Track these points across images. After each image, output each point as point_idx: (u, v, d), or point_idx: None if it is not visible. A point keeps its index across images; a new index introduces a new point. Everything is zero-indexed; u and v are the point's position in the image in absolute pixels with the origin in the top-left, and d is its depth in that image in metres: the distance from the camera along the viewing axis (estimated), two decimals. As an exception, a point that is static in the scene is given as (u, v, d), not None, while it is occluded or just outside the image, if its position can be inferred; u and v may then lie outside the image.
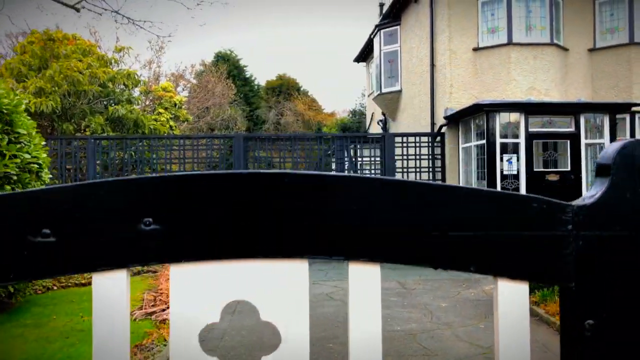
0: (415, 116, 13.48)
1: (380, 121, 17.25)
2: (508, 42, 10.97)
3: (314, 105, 47.14)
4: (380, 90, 15.31)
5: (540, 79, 11.01)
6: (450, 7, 11.30)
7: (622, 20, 11.38)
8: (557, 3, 11.35)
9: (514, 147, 10.11)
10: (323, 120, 45.88)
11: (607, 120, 10.14)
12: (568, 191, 10.02)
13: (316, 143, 11.67)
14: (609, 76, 11.45)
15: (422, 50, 12.86)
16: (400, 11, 14.63)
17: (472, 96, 11.29)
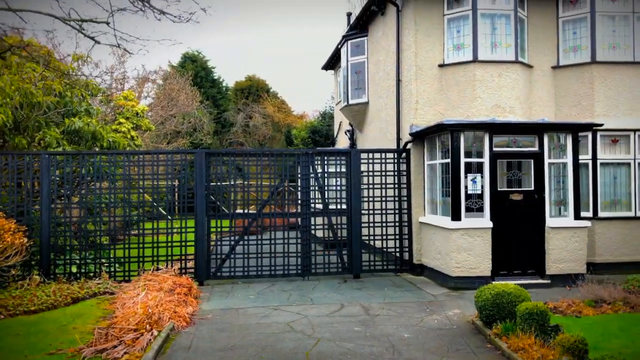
0: (382, 129, 13.39)
1: (347, 131, 17.13)
2: (473, 60, 10.95)
3: (284, 107, 46.83)
4: (347, 102, 15.17)
5: (504, 96, 11.03)
6: (416, 23, 11.22)
7: (585, 39, 11.49)
8: (521, 20, 11.39)
9: (479, 167, 10.09)
10: (293, 123, 45.62)
11: (570, 139, 10.21)
12: (531, 210, 10.07)
13: (281, 159, 11.44)
14: (572, 94, 11.55)
15: (388, 64, 12.76)
16: (368, 23, 14.52)
17: (437, 112, 11.25)
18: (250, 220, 11.10)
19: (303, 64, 66.07)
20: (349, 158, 11.35)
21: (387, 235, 11.39)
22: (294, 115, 48.16)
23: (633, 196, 11.36)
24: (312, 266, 11.18)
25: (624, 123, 11.32)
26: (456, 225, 9.75)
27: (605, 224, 11.24)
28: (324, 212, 11.41)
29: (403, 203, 11.51)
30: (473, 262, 9.77)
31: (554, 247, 9.96)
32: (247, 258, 10.96)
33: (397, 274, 11.46)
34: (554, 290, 9.65)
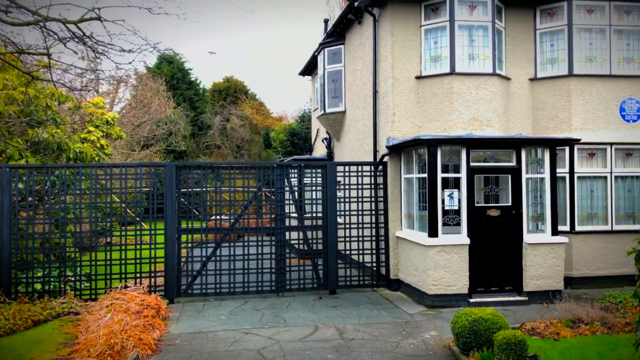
0: (360, 140, 13.16)
1: (325, 139, 16.88)
2: (451, 72, 10.78)
3: (262, 109, 46.41)
4: (324, 111, 14.91)
5: (482, 109, 10.88)
6: (393, 34, 11.01)
7: (562, 52, 11.41)
8: (499, 32, 11.26)
9: (456, 182, 9.92)
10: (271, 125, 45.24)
11: (547, 154, 10.10)
12: (509, 226, 9.93)
13: (255, 172, 11.12)
14: (549, 107, 11.47)
15: (365, 74, 12.54)
16: (345, 30, 14.28)
17: (414, 125, 11.06)
18: (223, 235, 10.77)
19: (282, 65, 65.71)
20: (325, 171, 11.09)
21: (363, 250, 11.16)
22: (272, 117, 47.78)
23: (609, 210, 11.32)
24: (287, 282, 10.90)
25: (600, 136, 11.27)
26: (433, 242, 9.56)
27: (582, 237, 11.17)
28: (299, 226, 11.13)
29: (380, 217, 11.30)
30: (450, 279, 9.59)
31: (532, 263, 9.84)
32: (219, 275, 10.63)
33: (374, 289, 11.25)
34: (532, 308, 9.52)
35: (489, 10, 10.88)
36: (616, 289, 10.97)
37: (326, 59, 14.84)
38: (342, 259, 11.30)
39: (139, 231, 10.40)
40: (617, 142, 11.33)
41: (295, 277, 11.04)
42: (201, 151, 36.24)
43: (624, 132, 11.38)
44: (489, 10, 10.88)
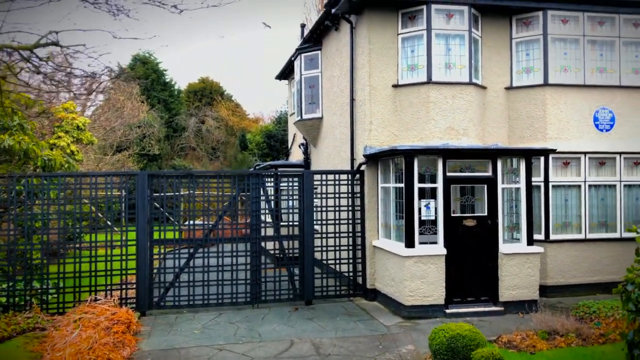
0: (337, 147, 13.05)
1: (302, 145, 16.73)
2: (427, 81, 10.73)
3: (238, 111, 46.05)
4: (301, 117, 14.77)
5: (458, 118, 10.87)
6: (370, 42, 10.92)
7: (538, 61, 11.47)
8: (475, 41, 11.27)
9: (432, 192, 9.88)
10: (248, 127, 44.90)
11: (523, 164, 10.13)
12: (485, 236, 9.93)
13: (230, 180, 10.92)
14: (524, 116, 11.52)
15: (342, 81, 12.44)
16: (321, 36, 14.16)
17: (391, 134, 10.99)
18: (197, 246, 10.54)
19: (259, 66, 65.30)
20: (301, 180, 10.95)
21: (340, 259, 11.05)
22: (249, 119, 47.44)
23: (583, 218, 11.42)
24: (262, 293, 10.72)
25: (575, 146, 11.36)
26: (410, 252, 9.50)
27: (556, 246, 11.25)
28: (275, 236, 10.97)
29: (357, 226, 11.20)
30: (426, 290, 9.54)
31: (507, 273, 9.85)
32: (192, 286, 10.40)
33: (350, 299, 11.14)
34: (507, 318, 9.53)
35: (465, 19, 10.88)
36: (589, 296, 11.10)
37: (303, 65, 14.69)
38: (319, 268, 11.17)
39: (110, 242, 10.11)
40: (591, 151, 11.44)
41: (270, 288, 10.87)
42: (176, 153, 35.74)
43: (598, 142, 11.50)
44: (465, 19, 10.88)
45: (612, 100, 11.58)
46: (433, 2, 10.66)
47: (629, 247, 11.47)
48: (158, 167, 32.27)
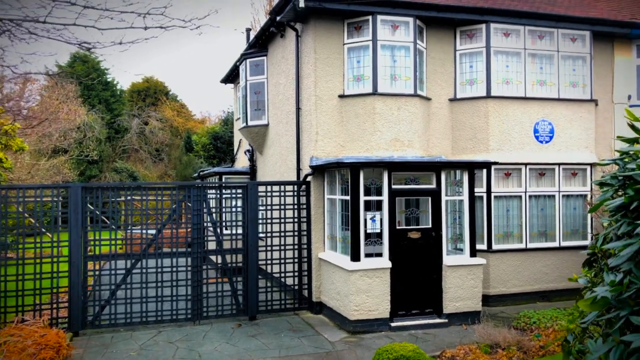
0: (283, 155, 12.82)
1: (247, 151, 16.39)
2: (373, 92, 10.67)
3: (184, 111, 45.08)
4: (246, 123, 14.45)
5: (403, 130, 10.86)
6: (316, 51, 10.75)
7: (481, 73, 11.63)
8: (420, 52, 11.30)
9: (378, 204, 9.82)
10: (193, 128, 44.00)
11: (466, 176, 10.22)
12: (429, 248, 9.96)
13: (169, 192, 10.49)
14: (468, 127, 11.65)
15: (288, 89, 12.22)
16: (267, 42, 13.89)
17: (338, 144, 10.87)
18: (134, 261, 10.06)
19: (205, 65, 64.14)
20: (245, 191, 10.65)
21: (285, 273, 10.83)
22: (195, 119, 46.54)
23: (524, 228, 11.66)
24: (204, 309, 10.36)
25: (515, 157, 11.59)
26: (355, 266, 9.39)
27: (498, 256, 11.44)
28: (218, 250, 10.63)
29: (303, 238, 11.01)
30: (372, 303, 9.46)
31: (451, 285, 9.91)
32: (130, 303, 9.92)
33: (296, 313, 10.94)
34: (451, 330, 9.58)
35: (410, 30, 10.88)
36: (530, 305, 11.36)
37: (248, 70, 14.37)
38: (265, 281, 10.91)
39: (39, 259, 9.49)
40: (532, 162, 11.70)
41: (213, 304, 10.52)
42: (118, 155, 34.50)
43: (538, 153, 11.78)
44: (410, 30, 10.88)
45: (552, 112, 11.90)
46: (379, 13, 10.61)
47: (567, 255, 11.82)
48: (99, 170, 31.07)
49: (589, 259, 3.16)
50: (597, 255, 2.93)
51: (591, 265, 3.11)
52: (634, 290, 2.17)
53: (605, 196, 2.73)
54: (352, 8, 10.45)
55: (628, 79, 12.78)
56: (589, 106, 12.19)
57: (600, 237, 2.83)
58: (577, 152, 12.03)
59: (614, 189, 2.70)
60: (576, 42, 12.12)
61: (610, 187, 2.75)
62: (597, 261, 2.98)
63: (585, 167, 12.11)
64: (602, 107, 12.55)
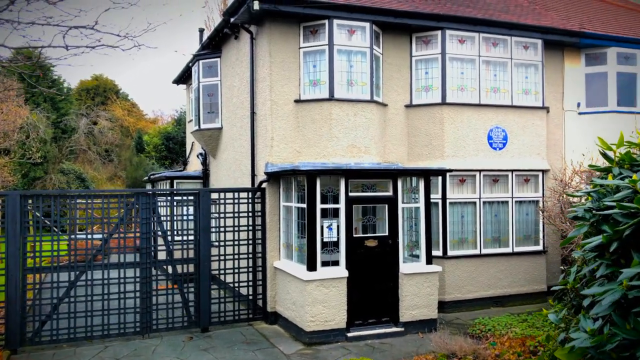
0: (237, 160, 12.48)
1: (200, 154, 15.93)
2: (330, 97, 10.49)
3: (135, 111, 43.82)
4: (199, 126, 14.01)
5: (360, 136, 10.73)
6: (271, 55, 10.48)
7: (437, 80, 11.63)
8: (377, 58, 11.20)
9: (334, 212, 9.64)
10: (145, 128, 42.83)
11: (422, 183, 10.18)
12: (386, 256, 9.86)
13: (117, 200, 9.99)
14: (423, 133, 11.63)
15: (242, 92, 11.89)
16: (221, 43, 13.51)
17: (294, 150, 10.63)
18: (78, 273, 9.52)
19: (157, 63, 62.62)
20: (197, 199, 10.27)
21: (239, 282, 10.51)
22: (146, 119, 45.33)
23: (478, 234, 11.74)
24: (154, 322, 9.91)
25: (470, 163, 11.65)
26: (312, 276, 9.18)
27: (453, 262, 11.47)
28: (168, 260, 10.21)
29: (258, 246, 10.72)
30: (328, 314, 9.27)
31: (407, 293, 9.84)
32: (74, 318, 9.38)
33: (250, 324, 10.63)
34: (408, 339, 9.51)
35: (367, 36, 10.76)
36: (484, 310, 11.45)
37: (201, 72, 13.94)
38: (218, 291, 10.55)
39: (-28, 273, 8.84)
40: (485, 169, 11.79)
41: (163, 316, 10.09)
42: (64, 156, 33.09)
43: (491, 159, 11.88)
44: (367, 36, 10.76)
45: (505, 119, 12.03)
46: (335, 18, 10.44)
47: (520, 261, 11.99)
48: (44, 172, 29.68)
49: (559, 294, 3.05)
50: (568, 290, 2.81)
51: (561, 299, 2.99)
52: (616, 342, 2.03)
53: (580, 232, 2.60)
54: (308, 11, 10.23)
55: (577, 86, 13.09)
56: (541, 113, 12.41)
57: (571, 272, 2.72)
58: (530, 159, 12.22)
59: (588, 224, 2.56)
60: (529, 50, 12.31)
61: (583, 221, 2.62)
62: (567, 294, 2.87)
63: (537, 173, 12.31)
64: (553, 114, 12.80)
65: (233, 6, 10.63)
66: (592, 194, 2.60)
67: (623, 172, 2.56)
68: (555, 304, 3.02)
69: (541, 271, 12.19)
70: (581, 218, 2.64)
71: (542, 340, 8.64)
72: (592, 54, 13.09)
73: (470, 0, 12.85)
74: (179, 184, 15.73)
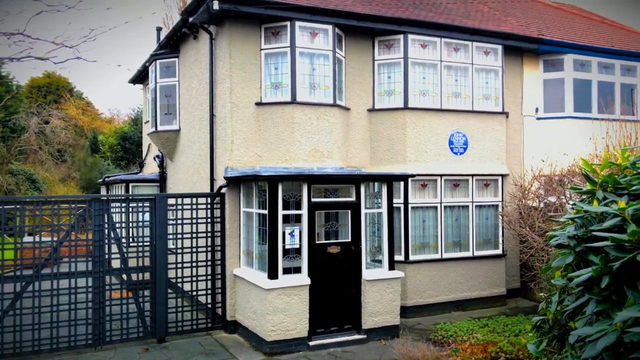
0: (196, 163, 12.12)
1: (157, 157, 15.44)
2: (292, 101, 10.28)
3: (90, 110, 42.47)
4: (156, 128, 13.56)
5: (323, 140, 10.57)
6: (231, 56, 10.19)
7: (399, 84, 11.58)
8: (340, 61, 11.06)
9: (297, 218, 9.44)
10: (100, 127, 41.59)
11: (385, 188, 10.09)
12: (349, 263, 9.72)
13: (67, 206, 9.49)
14: (386, 138, 11.56)
15: (201, 94, 11.55)
16: (179, 43, 13.11)
17: (255, 154, 10.37)
18: (25, 284, 9.00)
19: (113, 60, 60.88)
20: (153, 205, 9.88)
21: (197, 290, 10.17)
22: (102, 118, 44.04)
23: (440, 238, 11.76)
24: (107, 333, 9.47)
25: (431, 168, 11.65)
26: (273, 284, 8.95)
27: (415, 266, 11.45)
28: (123, 269, 9.78)
29: (217, 254, 10.41)
30: (290, 323, 9.05)
31: (370, 299, 9.73)
32: (20, 331, 8.85)
33: (209, 333, 10.31)
34: (370, 347, 9.39)
35: (329, 38, 10.60)
36: (445, 314, 11.47)
37: (158, 72, 13.49)
38: (175, 300, 10.17)
39: None
40: (446, 173, 11.82)
41: (117, 327, 9.66)
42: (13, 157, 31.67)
43: (452, 164, 11.92)
44: (329, 38, 10.60)
45: (466, 124, 12.09)
46: (297, 19, 10.24)
47: (480, 265, 12.07)
48: (-9, 173, 28.31)
49: (538, 323, 2.94)
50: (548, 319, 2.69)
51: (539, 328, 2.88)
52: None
53: (565, 261, 2.46)
54: (269, 13, 10.00)
55: (536, 92, 13.31)
56: (501, 118, 12.53)
57: (553, 302, 2.59)
58: (490, 163, 12.32)
59: (572, 253, 2.43)
60: (489, 55, 12.41)
61: (568, 249, 2.49)
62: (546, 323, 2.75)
63: (497, 178, 12.43)
64: (512, 119, 12.96)
65: (192, 5, 10.29)
66: (577, 219, 2.48)
67: (608, 196, 2.45)
68: (534, 333, 2.92)
69: (501, 275, 12.31)
70: (565, 246, 2.51)
71: (503, 346, 8.69)
72: (549, 60, 13.34)
73: (432, 5, 12.89)
74: (135, 187, 15.20)
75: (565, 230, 2.55)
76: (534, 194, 11.10)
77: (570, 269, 2.48)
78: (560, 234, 2.61)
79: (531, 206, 11.02)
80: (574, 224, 2.53)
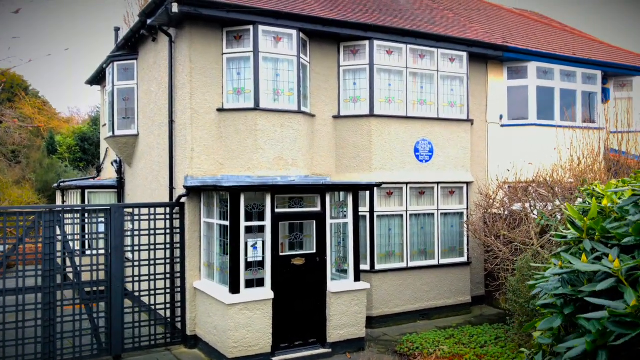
0: (155, 170, 11.66)
1: (115, 162, 14.86)
2: (255, 107, 9.96)
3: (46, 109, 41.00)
4: (113, 133, 13.02)
5: (287, 148, 10.29)
6: (192, 60, 9.80)
7: (365, 91, 11.40)
8: (304, 67, 10.80)
9: (260, 229, 9.13)
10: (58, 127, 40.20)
11: (350, 198, 9.89)
12: (313, 275, 9.47)
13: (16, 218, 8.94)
14: (351, 145, 11.37)
15: (161, 98, 11.11)
16: (138, 45, 12.61)
17: (216, 162, 10.01)
18: (-32, 302, 8.42)
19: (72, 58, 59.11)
20: (109, 215, 9.40)
21: (156, 305, 9.74)
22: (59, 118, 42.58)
23: (405, 247, 11.63)
24: (59, 352, 8.96)
25: (397, 176, 11.52)
26: (235, 299, 8.61)
27: (381, 276, 11.29)
28: (75, 283, 9.28)
29: (176, 266, 10.00)
30: (252, 338, 8.74)
31: (335, 312, 9.50)
32: (-38, 353, 8.29)
33: (168, 348, 9.90)
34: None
35: (294, 44, 10.33)
36: (411, 324, 11.34)
37: (116, 75, 12.95)
38: (132, 315, 9.72)
39: None
40: (412, 181, 11.70)
41: (69, 344, 9.15)
42: (-37, 159, 30.27)
43: (418, 172, 11.81)
44: (294, 44, 10.33)
45: (431, 132, 12.00)
46: (260, 24, 9.93)
47: (445, 273, 12.00)
48: (-62, 175, 26.92)
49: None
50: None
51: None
52: None
53: (553, 324, 2.23)
54: (232, 16, 9.66)
55: (500, 99, 13.34)
56: (466, 126, 12.50)
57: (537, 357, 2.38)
58: (455, 171, 12.27)
59: (561, 316, 2.21)
60: (454, 62, 12.36)
61: (555, 310, 2.26)
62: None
63: (462, 185, 12.39)
64: (477, 126, 12.95)
65: (150, 7, 9.86)
66: (564, 275, 2.26)
67: (596, 247, 2.26)
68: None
69: (466, 283, 12.28)
70: (550, 305, 2.29)
71: (470, 359, 8.59)
72: (514, 68, 13.40)
73: (398, 11, 12.76)
74: (91, 194, 14.58)
75: (548, 283, 2.34)
76: (500, 203, 11.08)
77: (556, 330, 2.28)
78: (543, 286, 2.40)
79: (496, 214, 11.00)
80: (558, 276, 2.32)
